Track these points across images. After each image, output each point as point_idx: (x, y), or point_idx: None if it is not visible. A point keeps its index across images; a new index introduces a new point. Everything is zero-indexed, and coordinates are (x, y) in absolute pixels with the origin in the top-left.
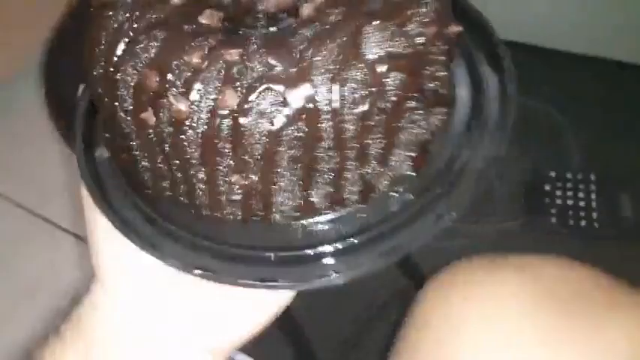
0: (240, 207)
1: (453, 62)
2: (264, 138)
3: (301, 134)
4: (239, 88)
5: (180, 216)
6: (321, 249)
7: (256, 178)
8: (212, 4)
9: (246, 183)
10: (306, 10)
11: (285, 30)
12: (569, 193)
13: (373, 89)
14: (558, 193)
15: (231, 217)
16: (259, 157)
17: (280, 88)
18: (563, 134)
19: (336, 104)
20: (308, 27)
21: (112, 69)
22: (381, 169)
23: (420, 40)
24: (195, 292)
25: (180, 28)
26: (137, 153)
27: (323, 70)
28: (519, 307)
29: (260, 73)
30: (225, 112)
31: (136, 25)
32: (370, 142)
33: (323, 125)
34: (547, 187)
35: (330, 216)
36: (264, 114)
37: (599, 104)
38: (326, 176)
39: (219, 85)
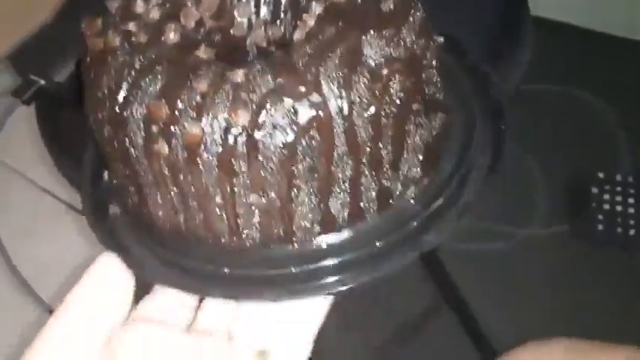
0: (259, 230)
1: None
2: (279, 150)
3: (315, 143)
4: (250, 106)
5: (200, 251)
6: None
7: (275, 195)
8: (204, 42)
9: (264, 202)
10: (297, 35)
11: (283, 49)
12: (618, 198)
13: (378, 92)
14: (606, 197)
15: (251, 242)
16: (276, 171)
17: (290, 100)
18: (613, 130)
19: (346, 110)
20: (307, 43)
21: (117, 108)
22: (394, 174)
23: (414, 45)
24: None
25: (181, 61)
26: (149, 191)
27: (329, 80)
28: None
29: (268, 88)
30: (239, 129)
31: (137, 65)
32: (381, 146)
33: (335, 131)
34: (594, 190)
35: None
36: (276, 127)
37: None
38: (343, 185)
39: (229, 105)
